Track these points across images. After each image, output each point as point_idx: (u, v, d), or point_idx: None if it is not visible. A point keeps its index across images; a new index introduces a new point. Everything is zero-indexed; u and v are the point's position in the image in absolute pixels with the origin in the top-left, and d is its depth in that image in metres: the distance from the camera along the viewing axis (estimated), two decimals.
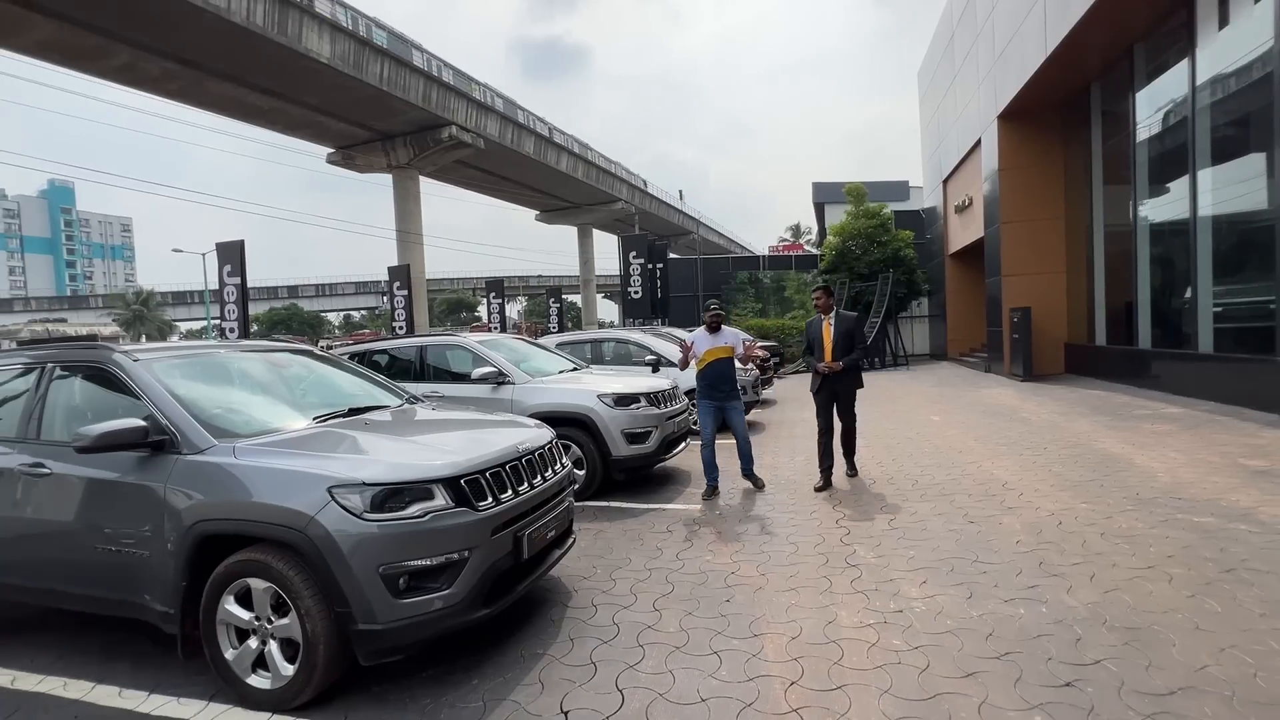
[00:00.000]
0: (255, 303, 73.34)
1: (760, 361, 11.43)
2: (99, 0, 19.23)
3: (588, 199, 48.98)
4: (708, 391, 5.33)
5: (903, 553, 3.83)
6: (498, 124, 35.10)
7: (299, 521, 2.44)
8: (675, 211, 60.07)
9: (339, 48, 25.20)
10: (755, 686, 2.50)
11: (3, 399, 3.29)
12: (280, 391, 3.45)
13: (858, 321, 5.51)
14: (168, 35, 21.50)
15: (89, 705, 2.67)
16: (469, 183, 42.28)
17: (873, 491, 5.28)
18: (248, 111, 29.06)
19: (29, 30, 20.68)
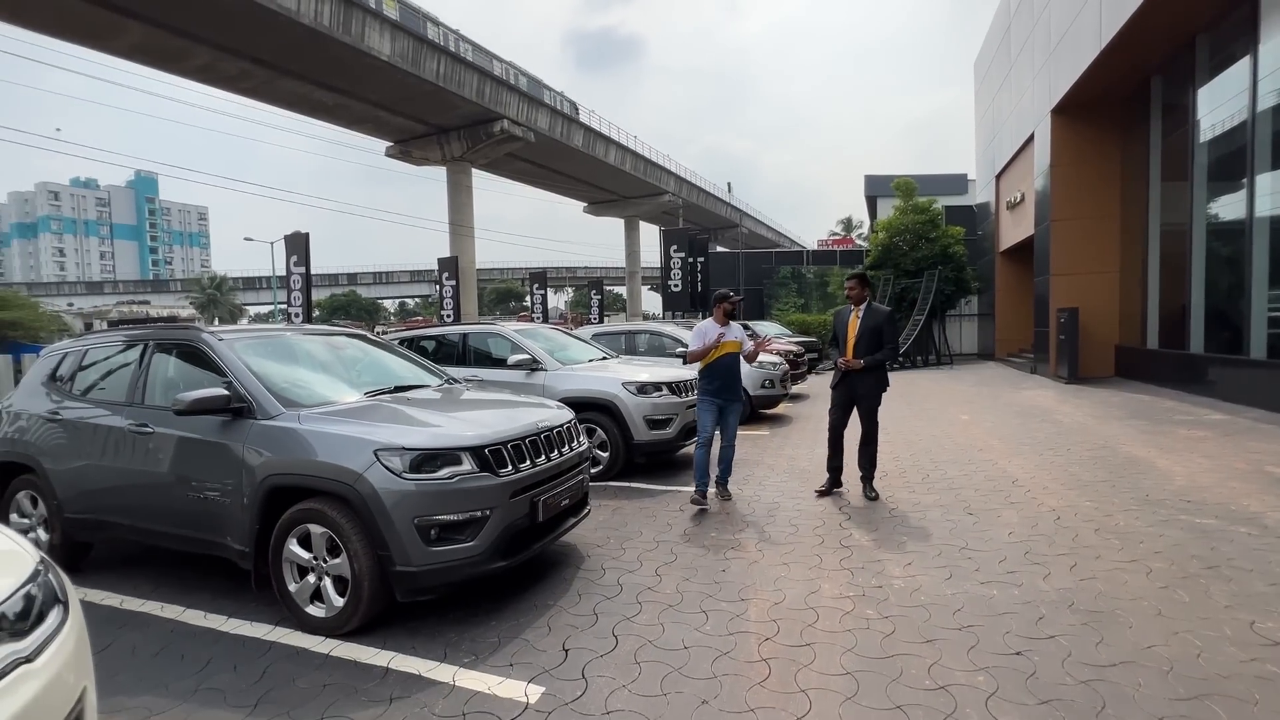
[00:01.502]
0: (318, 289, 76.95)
1: (792, 356, 11.60)
2: (184, 4, 20.68)
3: (635, 191, 49.32)
4: (714, 388, 4.88)
5: (896, 538, 4.07)
6: (547, 117, 35.79)
7: (349, 478, 2.91)
8: (722, 204, 59.80)
9: (398, 45, 26.26)
10: (734, 640, 2.83)
11: (112, 369, 3.91)
12: (337, 369, 3.97)
13: (890, 318, 4.89)
14: (243, 36, 22.92)
15: (181, 624, 3.24)
16: (519, 175, 43.24)
17: (882, 483, 5.48)
18: (314, 107, 30.60)
19: (123, 34, 22.43)
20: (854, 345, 4.87)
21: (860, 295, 4.97)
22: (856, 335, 4.87)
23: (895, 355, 4.92)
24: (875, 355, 4.85)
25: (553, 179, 44.92)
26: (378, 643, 2.92)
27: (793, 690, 2.43)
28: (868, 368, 4.85)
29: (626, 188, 48.29)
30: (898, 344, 4.95)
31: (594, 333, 10.18)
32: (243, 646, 2.96)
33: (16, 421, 4.08)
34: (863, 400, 4.92)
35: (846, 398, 5.02)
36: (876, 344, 4.83)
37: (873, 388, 4.91)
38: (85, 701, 1.50)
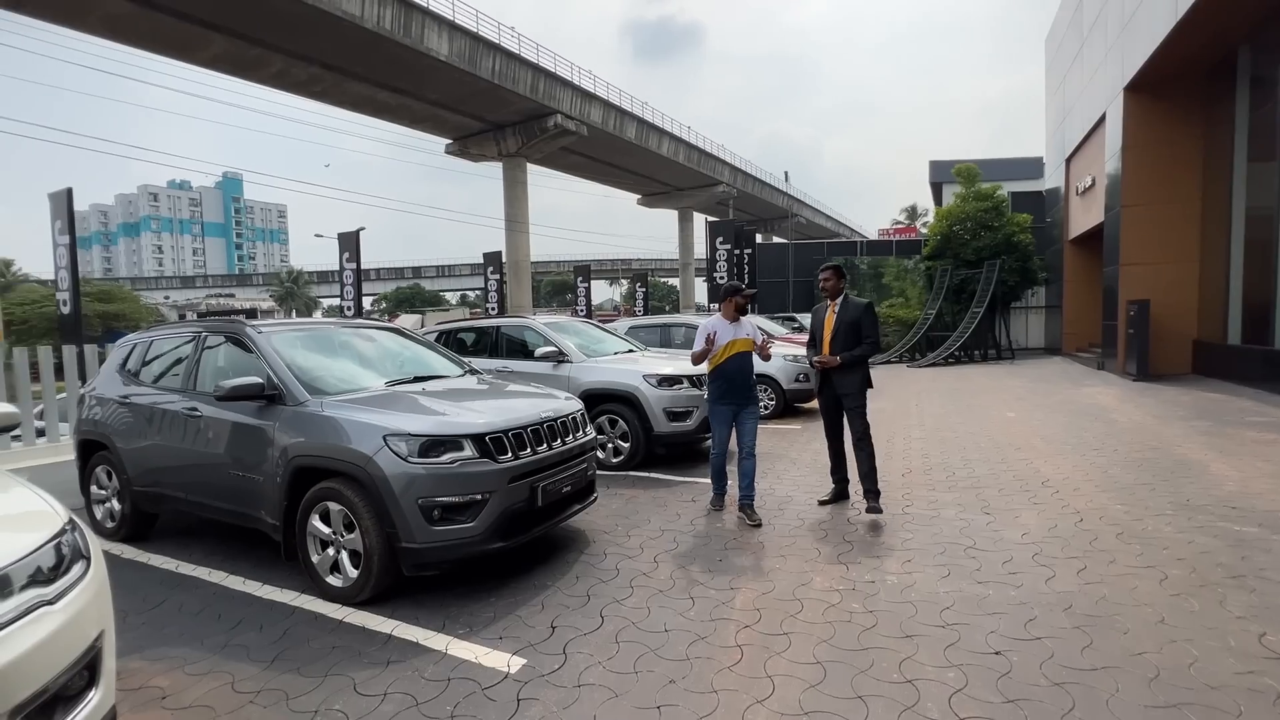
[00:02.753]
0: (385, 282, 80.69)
1: None
2: (260, 15, 22.04)
3: (688, 183, 49.04)
4: (724, 393, 4.45)
5: (900, 535, 4.04)
6: (600, 110, 36.06)
7: (361, 460, 3.17)
8: (778, 193, 58.64)
9: (456, 45, 27.08)
10: (714, 625, 2.93)
11: (171, 358, 4.35)
12: (364, 360, 4.27)
13: (868, 311, 4.51)
14: (312, 42, 24.20)
15: (222, 588, 3.60)
16: (573, 169, 43.79)
17: (902, 479, 5.40)
18: (378, 108, 31.98)
19: (207, 46, 24.12)
20: (830, 342, 4.52)
21: (836, 288, 4.60)
22: (833, 331, 4.51)
23: (875, 350, 4.49)
24: (853, 351, 4.45)
25: (606, 172, 45.25)
26: (386, 612, 3.17)
27: (759, 675, 2.51)
28: (846, 365, 4.45)
29: (680, 179, 48.08)
30: (878, 338, 4.53)
31: (630, 325, 10.34)
32: (270, 610, 3.28)
33: (95, 404, 4.60)
34: (847, 400, 4.52)
35: (832, 400, 4.65)
36: (855, 339, 4.46)
37: (855, 386, 4.51)
38: (103, 642, 1.77)
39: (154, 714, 2.41)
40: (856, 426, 4.51)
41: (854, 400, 4.51)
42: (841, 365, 4.45)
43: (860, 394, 4.52)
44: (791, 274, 23.33)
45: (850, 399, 4.52)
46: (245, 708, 2.42)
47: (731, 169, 50.57)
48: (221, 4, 21.22)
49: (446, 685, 2.51)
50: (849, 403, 4.52)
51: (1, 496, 1.93)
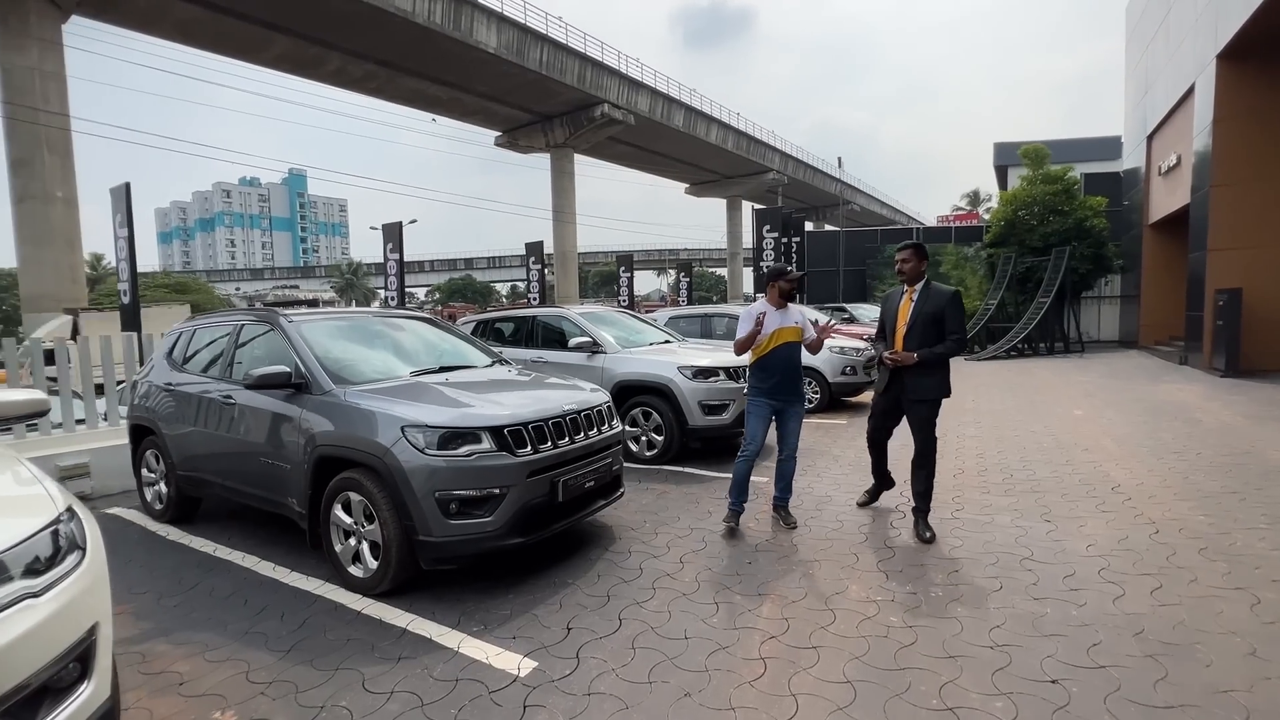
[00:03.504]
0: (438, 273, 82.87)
1: None
2: (317, 14, 22.75)
3: (737, 170, 48.22)
4: (769, 387, 3.99)
5: (949, 542, 3.74)
6: (648, 98, 35.75)
7: (380, 451, 3.12)
8: (831, 180, 56.91)
9: (504, 37, 27.30)
10: (737, 634, 2.75)
11: (214, 348, 4.44)
12: (392, 350, 4.25)
13: (953, 302, 3.77)
14: (367, 39, 24.84)
15: (253, 573, 3.65)
16: (620, 159, 43.66)
17: (953, 481, 5.05)
18: (430, 102, 32.66)
19: (270, 47, 25.10)
20: (904, 336, 3.84)
21: (916, 270, 3.87)
22: (909, 322, 3.82)
23: (961, 348, 3.78)
24: (934, 349, 3.75)
25: (653, 161, 44.94)
26: (404, 605, 3.13)
27: (782, 693, 2.33)
28: (923, 365, 3.78)
29: (728, 167, 47.31)
30: (964, 335, 3.80)
31: (671, 315, 10.16)
32: (294, 598, 3.30)
33: (144, 391, 4.76)
34: (915, 408, 3.86)
35: (892, 404, 3.99)
36: (937, 335, 3.75)
37: (930, 392, 3.81)
38: (98, 635, 1.75)
39: (169, 700, 2.42)
40: (921, 439, 3.87)
41: (925, 409, 3.86)
42: (918, 364, 3.78)
43: (934, 402, 3.86)
44: (842, 263, 22.54)
45: (921, 408, 3.86)
46: (255, 699, 2.40)
47: (781, 155, 49.39)
48: (282, 4, 21.99)
49: (454, 686, 2.43)
50: (919, 411, 3.87)
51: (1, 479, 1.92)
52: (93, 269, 54.81)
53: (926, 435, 3.89)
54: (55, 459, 5.20)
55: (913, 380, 3.87)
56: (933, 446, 3.90)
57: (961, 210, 52.88)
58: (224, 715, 2.31)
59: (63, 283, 18.69)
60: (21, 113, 17.93)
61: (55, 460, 5.20)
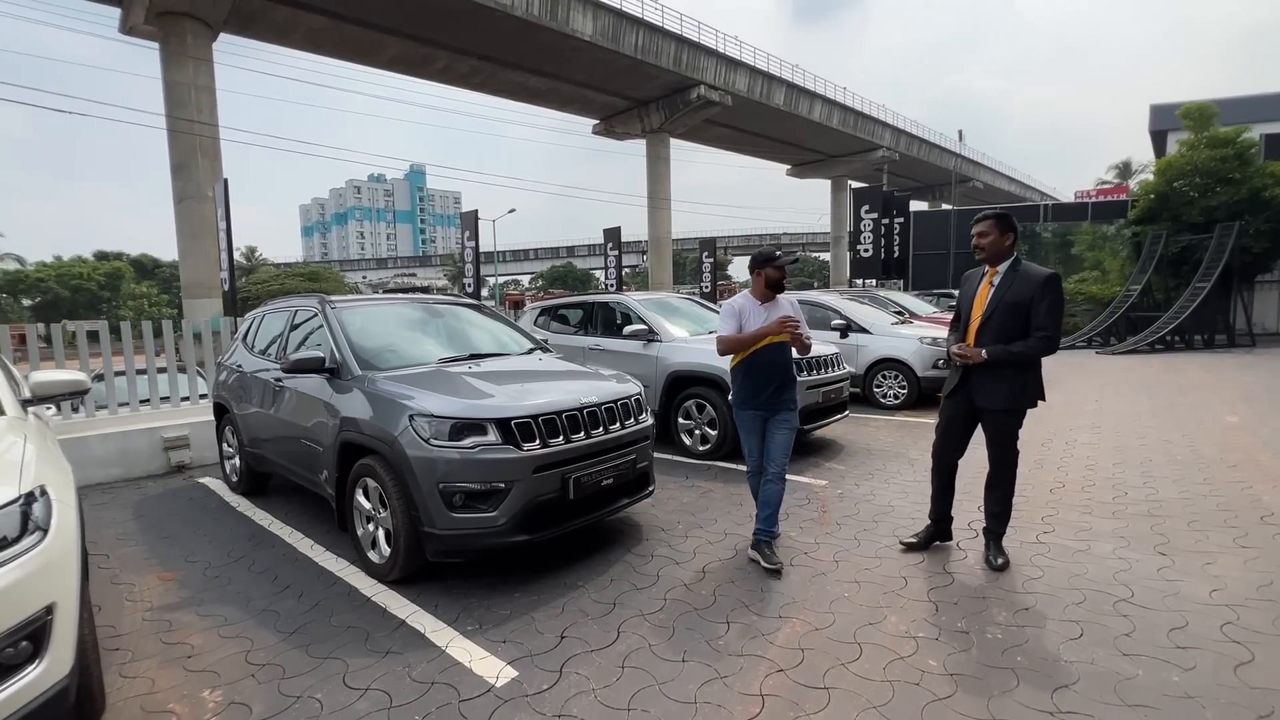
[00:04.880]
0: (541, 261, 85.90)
1: None
2: (425, 14, 23.94)
3: (843, 149, 45.60)
4: (750, 393, 3.35)
5: (1026, 571, 3.16)
6: (746, 77, 34.58)
7: (389, 439, 3.09)
8: (950, 155, 52.39)
9: (599, 24, 27.37)
10: (741, 663, 2.44)
11: (272, 331, 4.68)
12: (426, 337, 4.25)
13: (1047, 287, 2.97)
14: (470, 36, 25.83)
15: (292, 549, 3.80)
16: (717, 141, 42.68)
17: (1049, 496, 4.33)
18: (531, 93, 33.51)
19: (384, 50, 26.79)
20: (979, 327, 3.12)
21: (998, 247, 3.10)
22: (985, 312, 3.09)
23: (1049, 347, 2.98)
24: (1010, 347, 3.02)
25: (753, 142, 43.52)
26: (412, 594, 3.10)
27: None
28: (998, 364, 3.04)
29: (833, 145, 44.85)
30: (1056, 332, 2.99)
31: None
32: (318, 578, 3.37)
33: (224, 372, 5.14)
34: (990, 420, 3.16)
35: (965, 410, 3.23)
36: (1020, 328, 3.02)
37: (1008, 399, 3.09)
38: (54, 615, 1.79)
39: (172, 672, 2.51)
40: (996, 457, 3.18)
41: (1003, 421, 3.13)
42: (988, 364, 3.06)
43: (1016, 412, 3.12)
44: (953, 245, 20.60)
45: (995, 419, 3.14)
46: (244, 680, 2.43)
47: (893, 131, 46.11)
48: (394, 8, 23.35)
49: (428, 690, 2.33)
50: (995, 423, 3.15)
51: None
52: (247, 259, 62.04)
53: (1003, 453, 3.19)
54: (161, 431, 5.78)
55: (983, 384, 3.14)
56: (1011, 467, 3.20)
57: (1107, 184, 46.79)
58: (210, 695, 2.35)
59: (213, 272, 21.10)
60: (180, 124, 20.36)
61: (161, 432, 5.78)
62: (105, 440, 5.50)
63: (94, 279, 47.07)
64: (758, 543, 3.37)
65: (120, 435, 5.58)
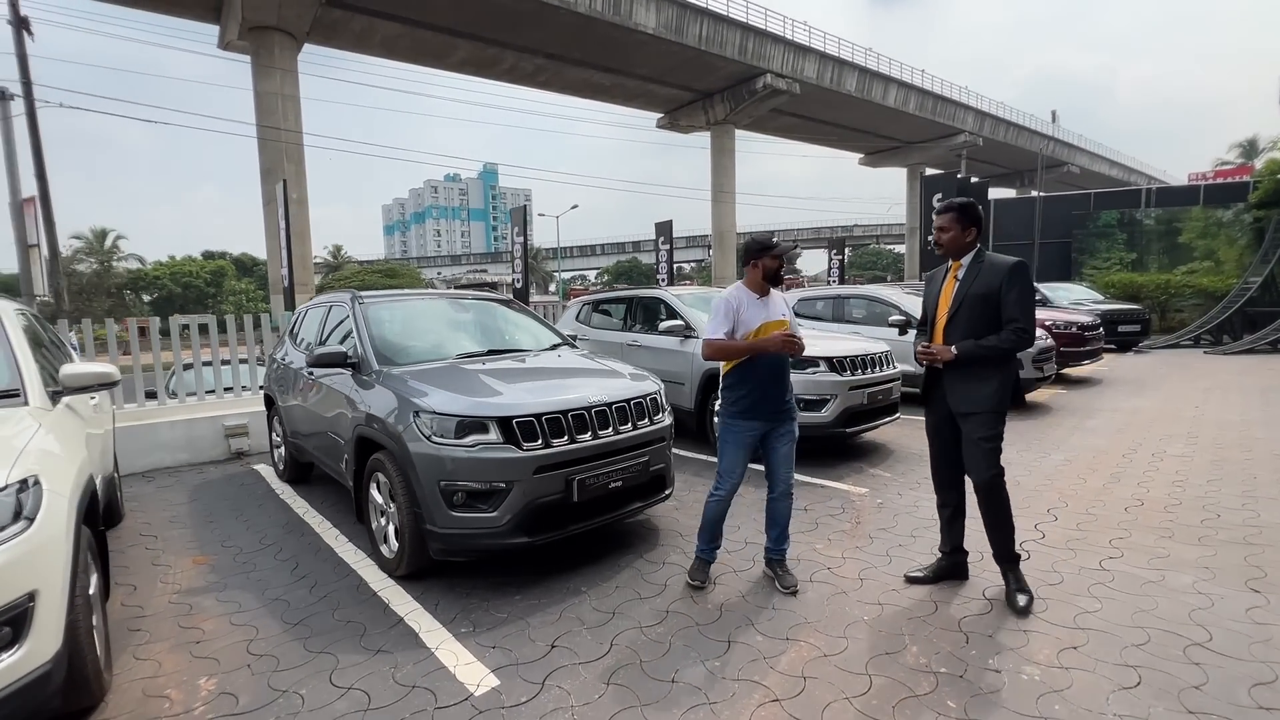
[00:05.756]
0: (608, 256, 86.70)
1: (1074, 329, 9.02)
2: (491, 16, 24.50)
3: (920, 135, 43.30)
4: (745, 404, 2.98)
5: (1081, 602, 2.79)
6: (815, 64, 33.41)
7: (395, 434, 3.09)
8: (1041, 139, 48.74)
9: (662, 16, 27.14)
10: (735, 688, 2.25)
11: (312, 326, 4.82)
12: (447, 332, 4.26)
13: (1014, 277, 2.70)
14: (535, 35, 26.24)
15: (318, 539, 3.89)
16: (784, 131, 41.53)
17: (1124, 515, 3.84)
18: (595, 89, 33.73)
19: (454, 52, 27.65)
20: (946, 324, 2.84)
21: (957, 242, 2.82)
22: (952, 306, 2.81)
23: (1023, 341, 2.69)
24: (981, 342, 2.72)
25: (822, 131, 42.06)
26: (417, 591, 3.09)
27: None
28: (968, 362, 2.75)
29: (909, 132, 42.67)
30: (1030, 324, 2.69)
31: (801, 297, 9.31)
32: (333, 569, 3.43)
33: (273, 365, 5.37)
34: (968, 424, 2.79)
35: (948, 417, 2.89)
36: (989, 322, 2.73)
37: (984, 402, 2.74)
38: (36, 603, 1.84)
39: (178, 657, 2.59)
40: (979, 469, 2.77)
41: (980, 425, 2.75)
42: (959, 362, 2.77)
43: (992, 416, 2.75)
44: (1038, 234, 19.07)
45: (974, 422, 2.77)
46: (239, 670, 2.47)
47: (976, 114, 43.36)
48: (462, 11, 24.03)
49: (408, 693, 2.28)
50: (971, 428, 2.78)
51: None
52: (334, 257, 66.01)
53: (986, 461, 2.76)
54: (223, 419, 6.13)
55: (954, 385, 2.82)
56: (997, 478, 2.77)
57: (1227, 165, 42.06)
58: (205, 683, 2.40)
59: (296, 269, 22.51)
60: (268, 131, 21.79)
61: (223, 420, 6.13)
62: (173, 427, 5.88)
63: (201, 276, 51.37)
64: (770, 562, 3.14)
65: (187, 423, 5.96)
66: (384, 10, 23.39)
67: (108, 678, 2.36)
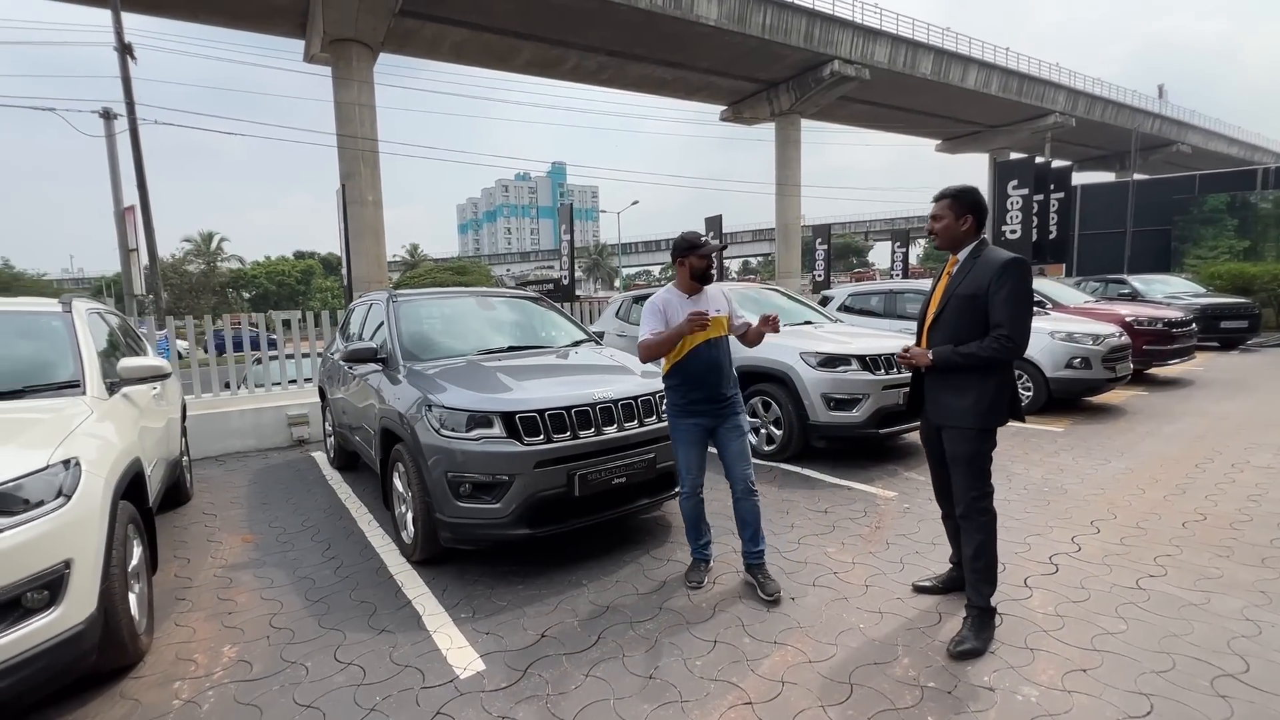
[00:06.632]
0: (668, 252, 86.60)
1: (1160, 325, 8.29)
2: (553, 16, 24.96)
3: (1003, 117, 40.65)
4: (686, 401, 2.96)
5: (1108, 621, 2.58)
6: (886, 47, 32.01)
7: (409, 426, 3.25)
8: (1146, 116, 44.71)
9: (724, 7, 26.76)
10: (709, 688, 2.25)
11: (357, 322, 5.12)
12: (472, 329, 4.42)
13: (1008, 273, 2.37)
14: (597, 33, 26.51)
15: (352, 522, 4.15)
16: (854, 119, 40.04)
17: (1180, 530, 3.51)
18: (657, 85, 33.70)
19: (519, 54, 28.37)
20: (930, 325, 2.60)
21: (952, 232, 2.54)
22: (939, 306, 2.56)
23: (1010, 351, 2.36)
24: (960, 349, 2.44)
25: (894, 117, 40.24)
26: (429, 576, 3.25)
27: None
28: (946, 372, 2.51)
29: (991, 115, 40.15)
30: (1019, 328, 2.36)
31: (852, 292, 9.02)
32: (360, 551, 3.65)
33: (325, 360, 5.74)
34: (950, 437, 2.54)
35: (930, 431, 2.71)
36: (977, 326, 2.43)
37: (966, 415, 2.46)
38: (72, 570, 2.08)
39: (211, 626, 2.85)
40: (956, 490, 2.53)
41: (958, 440, 2.49)
42: (936, 368, 2.52)
43: (972, 433, 2.46)
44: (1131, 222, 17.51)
45: (952, 437, 2.52)
46: (259, 641, 2.69)
47: (1068, 93, 40.26)
48: (526, 13, 24.60)
49: (399, 672, 2.42)
50: (949, 443, 2.54)
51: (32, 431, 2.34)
52: (411, 255, 69.30)
53: (965, 482, 2.49)
54: (287, 409, 6.62)
55: (933, 394, 2.60)
56: (980, 499, 2.48)
57: None
58: (228, 651, 2.63)
59: (371, 268, 23.85)
60: (346, 139, 23.14)
61: (286, 410, 6.62)
62: (243, 415, 6.41)
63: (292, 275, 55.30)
64: (749, 567, 3.02)
65: (255, 412, 6.47)
66: (452, 17, 24.29)
67: (147, 641, 2.63)
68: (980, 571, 2.49)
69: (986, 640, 2.43)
